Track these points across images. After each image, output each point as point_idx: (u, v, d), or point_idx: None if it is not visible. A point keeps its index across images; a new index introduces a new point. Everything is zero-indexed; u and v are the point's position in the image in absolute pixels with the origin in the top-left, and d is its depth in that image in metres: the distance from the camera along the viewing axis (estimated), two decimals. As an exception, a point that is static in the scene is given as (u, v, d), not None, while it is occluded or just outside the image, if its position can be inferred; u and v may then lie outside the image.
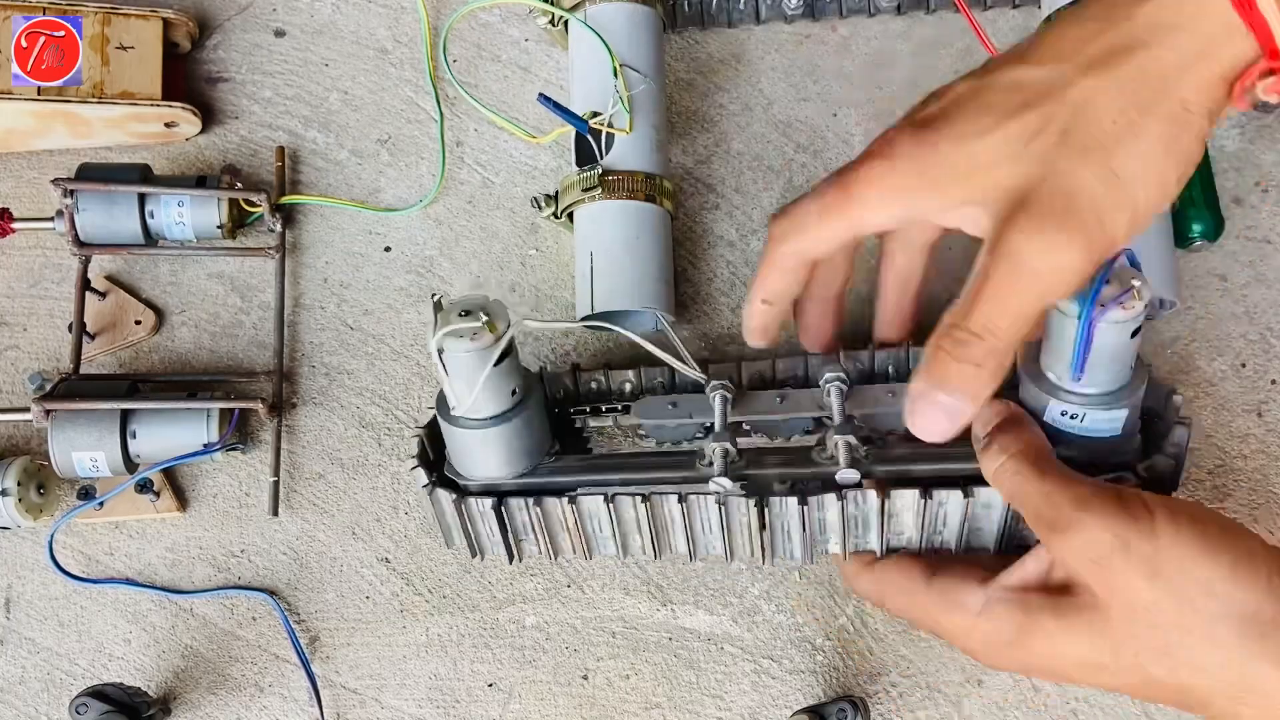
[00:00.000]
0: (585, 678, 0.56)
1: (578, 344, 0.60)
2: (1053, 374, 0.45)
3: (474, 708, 0.56)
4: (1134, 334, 0.43)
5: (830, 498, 0.48)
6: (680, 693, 0.55)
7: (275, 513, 0.58)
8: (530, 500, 0.49)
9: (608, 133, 0.57)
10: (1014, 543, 0.48)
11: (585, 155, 0.58)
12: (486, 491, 0.50)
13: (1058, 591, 0.44)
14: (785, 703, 0.54)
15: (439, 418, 0.49)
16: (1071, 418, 0.45)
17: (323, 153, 0.65)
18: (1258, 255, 0.60)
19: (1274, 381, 0.58)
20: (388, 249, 0.63)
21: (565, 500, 0.49)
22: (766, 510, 0.48)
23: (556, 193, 0.59)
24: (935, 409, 0.42)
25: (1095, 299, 0.41)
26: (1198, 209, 0.59)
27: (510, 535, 0.51)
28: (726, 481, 0.48)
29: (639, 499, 0.49)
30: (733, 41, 0.65)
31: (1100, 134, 0.40)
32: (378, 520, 0.58)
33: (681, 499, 0.48)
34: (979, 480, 0.46)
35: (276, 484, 0.58)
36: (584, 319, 0.56)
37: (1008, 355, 0.42)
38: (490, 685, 0.56)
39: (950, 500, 0.47)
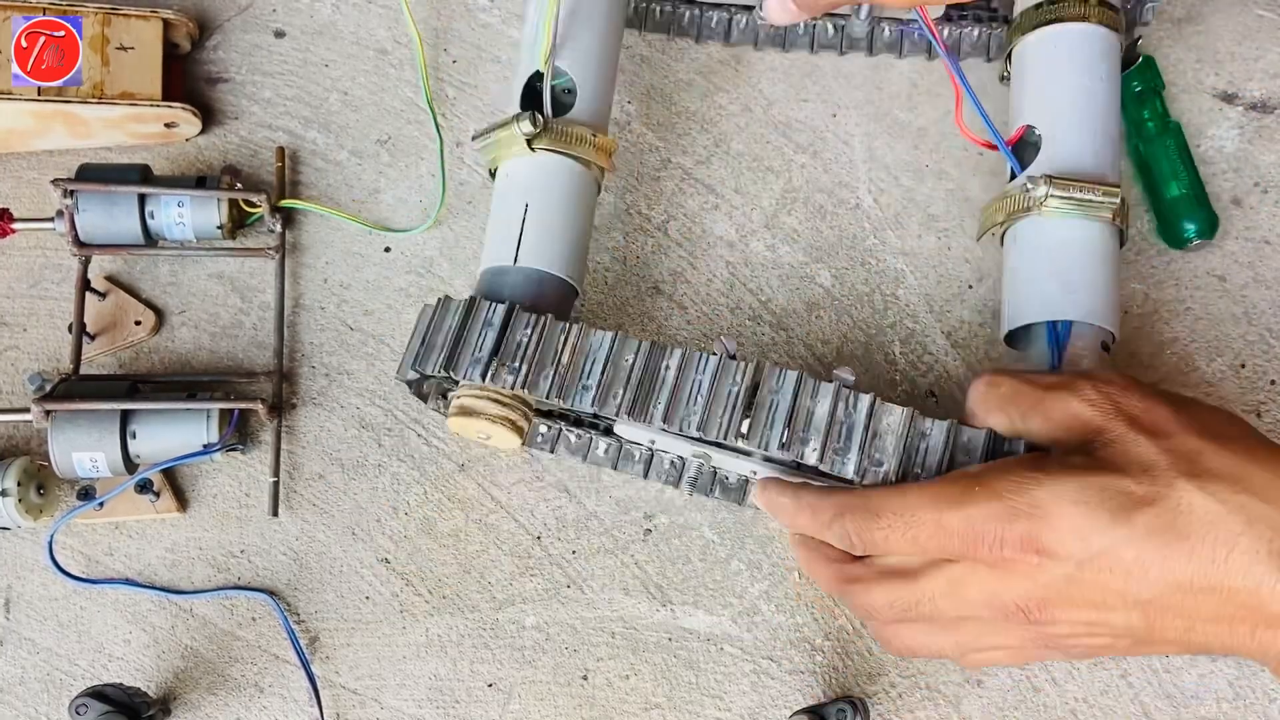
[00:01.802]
0: (585, 678, 0.56)
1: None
2: None
3: (474, 708, 0.56)
4: None
5: (825, 387, 0.48)
6: (680, 693, 0.55)
7: (275, 513, 0.58)
8: (535, 317, 0.49)
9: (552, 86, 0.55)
10: None
11: (528, 104, 0.55)
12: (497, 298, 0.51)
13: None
14: (785, 703, 0.54)
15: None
16: None
17: (322, 153, 0.65)
18: (1256, 256, 0.61)
19: (1273, 382, 0.58)
20: (387, 249, 0.63)
21: (573, 328, 0.49)
22: (761, 384, 0.48)
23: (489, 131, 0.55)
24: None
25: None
26: (1188, 209, 0.60)
27: (498, 354, 0.49)
28: (732, 343, 0.49)
29: (643, 341, 0.49)
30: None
31: None
32: (377, 521, 0.58)
33: (684, 355, 0.49)
34: None
35: (276, 484, 0.58)
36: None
37: None
38: (490, 685, 0.56)
39: (934, 431, 0.47)
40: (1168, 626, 0.41)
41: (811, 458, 0.47)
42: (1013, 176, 0.56)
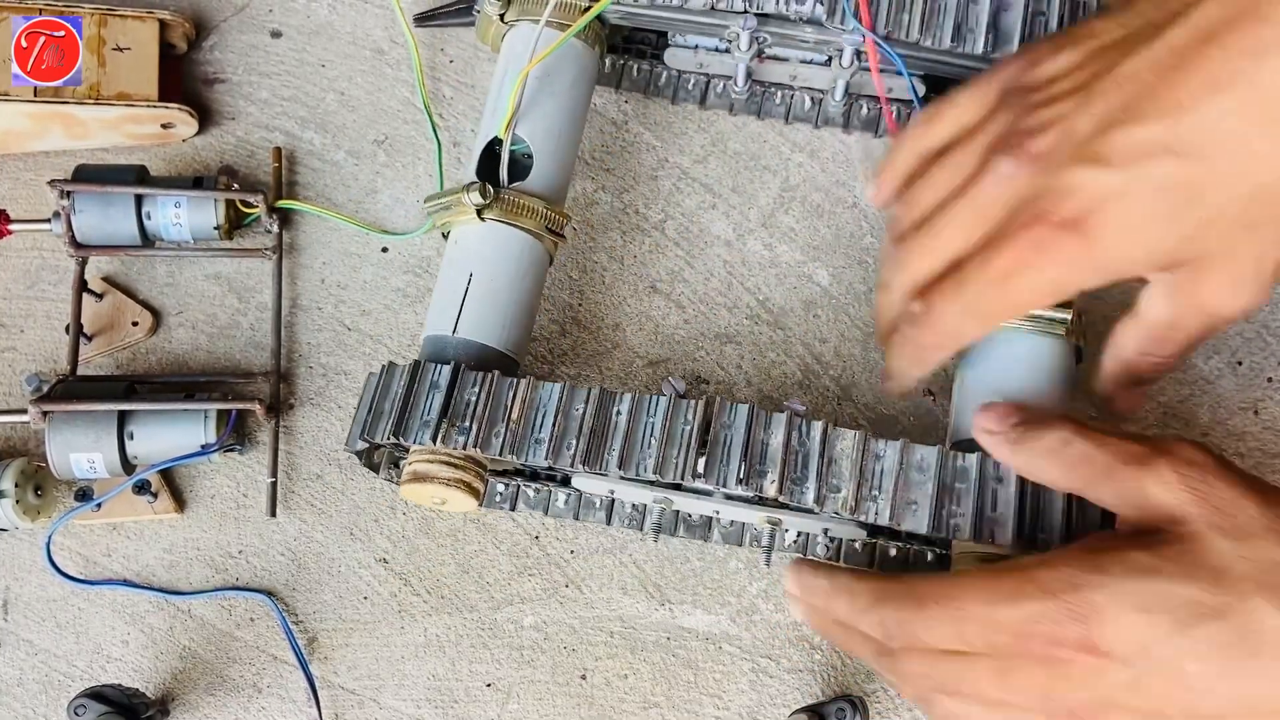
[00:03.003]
0: (583, 677, 0.56)
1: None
2: None
3: (472, 708, 0.56)
4: None
5: (779, 417, 0.48)
6: (678, 692, 0.55)
7: (273, 513, 0.58)
8: (482, 375, 0.49)
9: (512, 152, 0.54)
10: (945, 526, 0.46)
11: (486, 170, 0.55)
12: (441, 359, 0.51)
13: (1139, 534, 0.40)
14: (784, 702, 0.54)
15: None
16: None
17: (319, 153, 0.65)
18: (1254, 253, 0.61)
19: (1270, 379, 0.58)
20: (385, 250, 0.63)
21: (521, 382, 0.49)
22: (713, 420, 0.48)
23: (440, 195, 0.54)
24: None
25: None
26: None
27: (448, 414, 0.49)
28: (680, 383, 0.49)
29: (592, 389, 0.49)
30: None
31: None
32: (375, 521, 0.58)
33: (634, 399, 0.48)
34: None
35: (274, 485, 0.58)
36: (426, 338, 0.54)
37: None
38: (488, 685, 0.56)
39: (888, 453, 0.47)
40: None
41: (771, 490, 0.47)
42: None
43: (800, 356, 0.60)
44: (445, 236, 0.55)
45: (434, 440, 0.48)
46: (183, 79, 0.66)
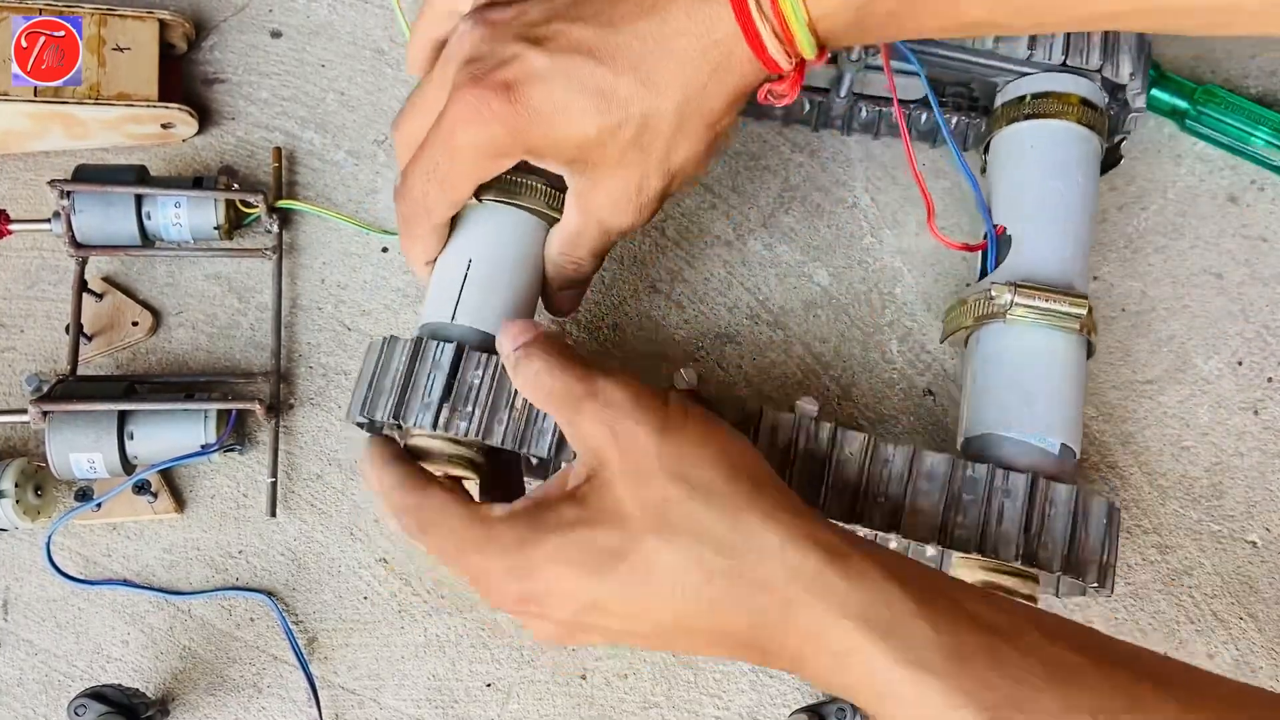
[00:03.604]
0: (583, 677, 0.56)
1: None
2: None
3: (472, 708, 0.56)
4: None
5: (786, 417, 0.48)
6: (678, 692, 0.55)
7: (273, 513, 0.58)
8: (486, 357, 0.47)
9: None
10: (951, 538, 0.47)
11: None
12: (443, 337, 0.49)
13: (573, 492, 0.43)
14: (783, 702, 0.54)
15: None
16: None
17: (319, 153, 0.65)
18: (1254, 253, 0.61)
19: (1270, 379, 0.58)
20: (385, 250, 0.63)
21: None
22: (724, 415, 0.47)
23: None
24: None
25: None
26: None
27: (450, 397, 0.47)
28: (692, 374, 0.49)
29: None
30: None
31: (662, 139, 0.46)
32: (375, 521, 0.58)
33: None
34: None
35: (274, 485, 0.58)
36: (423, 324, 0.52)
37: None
38: (488, 685, 0.56)
39: (897, 457, 0.47)
40: (679, 647, 0.43)
41: None
42: (982, 276, 0.54)
43: (800, 356, 0.60)
44: None
45: (434, 425, 0.47)
46: (183, 79, 0.66)
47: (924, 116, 0.61)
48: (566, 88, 0.45)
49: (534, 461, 0.52)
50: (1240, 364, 0.58)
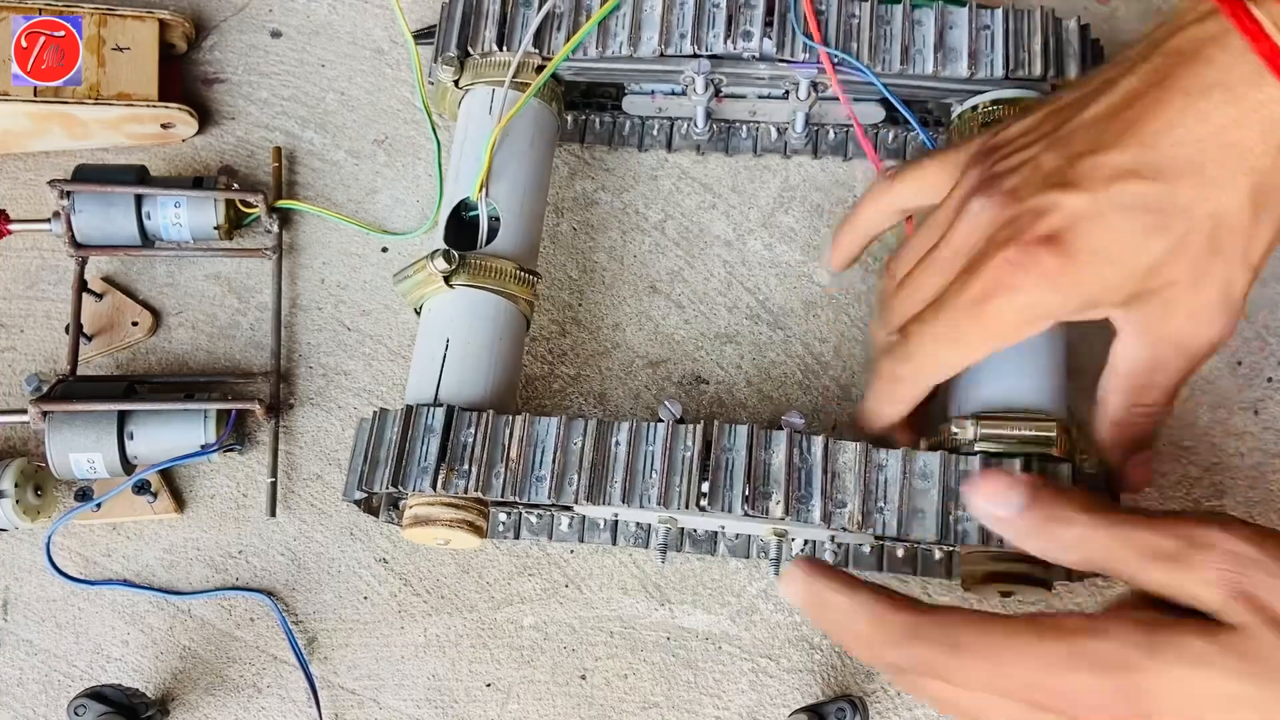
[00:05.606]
0: (583, 677, 0.56)
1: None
2: None
3: (472, 708, 0.56)
4: None
5: (779, 435, 0.48)
6: (678, 692, 0.55)
7: (273, 513, 0.58)
8: (477, 415, 0.49)
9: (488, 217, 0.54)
10: (953, 531, 0.47)
11: (454, 235, 0.55)
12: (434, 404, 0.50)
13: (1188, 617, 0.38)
14: (783, 702, 0.54)
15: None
16: None
17: (319, 153, 0.65)
18: (1254, 253, 0.61)
19: (1270, 379, 0.58)
20: (385, 250, 0.63)
21: (517, 419, 0.49)
22: (713, 443, 0.48)
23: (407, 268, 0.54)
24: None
25: None
26: None
27: (445, 459, 0.49)
28: (676, 406, 0.49)
29: (590, 421, 0.49)
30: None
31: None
32: (375, 521, 0.58)
33: (632, 428, 0.48)
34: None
35: (274, 485, 0.58)
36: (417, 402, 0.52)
37: None
38: (488, 685, 0.56)
39: (890, 463, 0.47)
40: None
41: (777, 512, 0.47)
42: None
43: (800, 356, 0.60)
44: (418, 314, 0.55)
45: (434, 487, 0.48)
46: (182, 79, 0.66)
47: (890, 135, 0.61)
48: (1121, 216, 0.41)
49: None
50: (1240, 364, 0.58)
